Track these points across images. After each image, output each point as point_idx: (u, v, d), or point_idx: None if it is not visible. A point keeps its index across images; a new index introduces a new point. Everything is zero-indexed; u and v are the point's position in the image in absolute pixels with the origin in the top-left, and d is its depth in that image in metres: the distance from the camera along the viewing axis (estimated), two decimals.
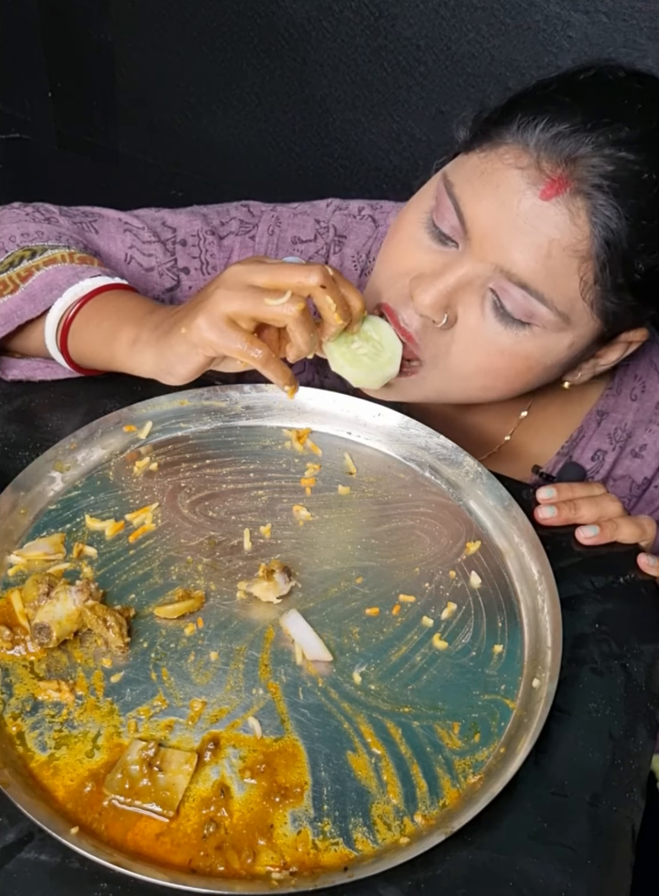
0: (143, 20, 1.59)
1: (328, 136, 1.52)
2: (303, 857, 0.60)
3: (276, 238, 1.00)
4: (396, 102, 1.43)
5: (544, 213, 0.73)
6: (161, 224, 1.01)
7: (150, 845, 0.60)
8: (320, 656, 0.71)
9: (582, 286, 0.76)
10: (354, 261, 1.00)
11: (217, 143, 1.65)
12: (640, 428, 0.98)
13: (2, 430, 0.87)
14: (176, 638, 0.71)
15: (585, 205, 0.73)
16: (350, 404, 0.89)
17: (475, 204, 0.77)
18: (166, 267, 1.00)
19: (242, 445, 0.87)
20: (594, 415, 0.99)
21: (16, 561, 0.74)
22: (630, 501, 1.00)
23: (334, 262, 1.00)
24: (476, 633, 0.74)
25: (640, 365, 0.98)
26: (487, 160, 0.77)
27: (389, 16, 1.35)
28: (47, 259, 0.89)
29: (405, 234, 0.83)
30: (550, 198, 0.73)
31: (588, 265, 0.75)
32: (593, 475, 1.00)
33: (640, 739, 0.71)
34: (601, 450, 0.99)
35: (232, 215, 1.02)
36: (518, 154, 0.75)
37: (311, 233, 1.00)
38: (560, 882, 0.62)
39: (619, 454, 0.99)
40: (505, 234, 0.75)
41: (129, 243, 0.99)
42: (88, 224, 0.99)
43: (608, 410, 0.98)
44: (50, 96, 1.81)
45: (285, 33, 1.45)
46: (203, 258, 1.00)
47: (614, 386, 0.98)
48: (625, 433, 0.98)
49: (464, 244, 0.79)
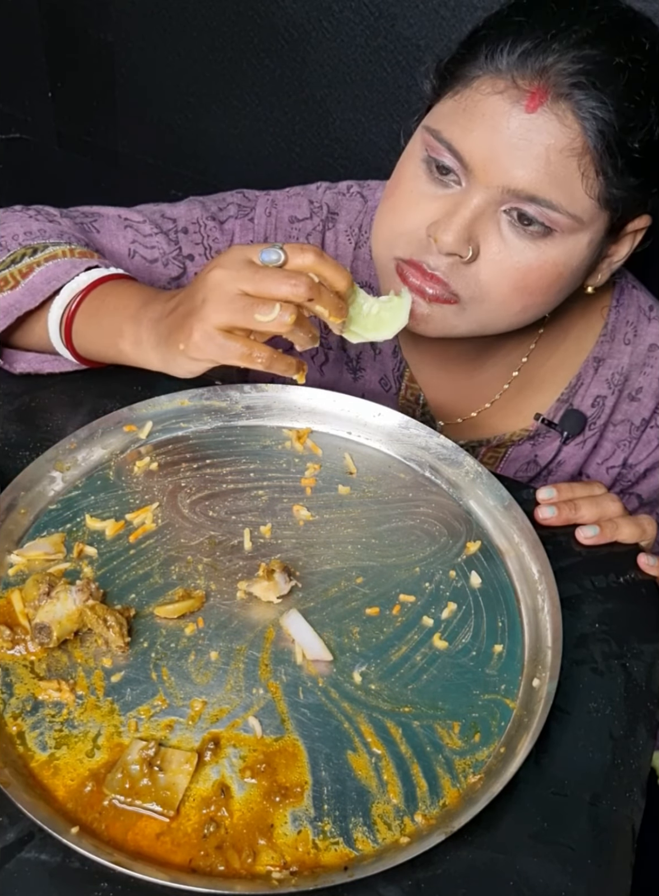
0: (143, 20, 1.58)
1: (328, 136, 1.52)
2: (303, 857, 0.60)
3: (274, 219, 1.03)
4: (396, 102, 1.42)
5: (534, 125, 0.77)
6: (161, 216, 1.03)
7: (151, 845, 0.60)
8: (320, 656, 0.71)
9: (586, 182, 0.79)
10: (348, 235, 1.03)
11: (217, 143, 1.65)
12: (635, 371, 1.02)
13: (2, 430, 0.87)
14: (176, 638, 0.71)
15: (569, 105, 0.77)
16: (350, 404, 0.89)
17: (468, 138, 0.80)
18: (171, 256, 1.02)
19: (243, 445, 0.87)
20: (591, 361, 1.02)
21: (16, 561, 0.74)
22: (630, 444, 1.04)
23: (329, 238, 1.03)
24: (476, 632, 0.74)
25: (630, 311, 1.02)
26: (464, 98, 0.81)
27: (389, 16, 1.35)
28: (48, 255, 0.89)
29: (407, 189, 0.86)
30: (534, 109, 0.77)
31: (587, 160, 0.78)
32: (594, 421, 1.03)
33: (640, 739, 0.71)
34: (601, 395, 1.02)
35: (229, 201, 1.05)
36: (493, 81, 0.79)
37: (306, 212, 1.03)
38: (560, 882, 0.62)
39: (617, 398, 1.02)
40: (504, 156, 0.78)
41: (130, 238, 1.01)
42: (89, 224, 1.00)
43: (604, 357, 1.02)
44: (50, 96, 1.81)
45: (285, 33, 1.45)
46: (206, 244, 1.02)
47: (608, 333, 1.02)
48: (622, 377, 1.02)
49: (467, 179, 0.82)
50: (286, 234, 1.03)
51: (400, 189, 0.87)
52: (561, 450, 1.04)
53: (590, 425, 1.03)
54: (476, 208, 0.81)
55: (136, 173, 1.80)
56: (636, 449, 1.04)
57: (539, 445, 1.06)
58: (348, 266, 1.03)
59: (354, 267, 1.03)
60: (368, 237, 1.02)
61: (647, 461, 1.04)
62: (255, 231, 1.03)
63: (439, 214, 0.83)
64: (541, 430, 1.04)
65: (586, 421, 1.02)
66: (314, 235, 1.03)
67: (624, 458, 1.05)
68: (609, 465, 1.05)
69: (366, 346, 1.05)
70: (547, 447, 1.05)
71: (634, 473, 1.05)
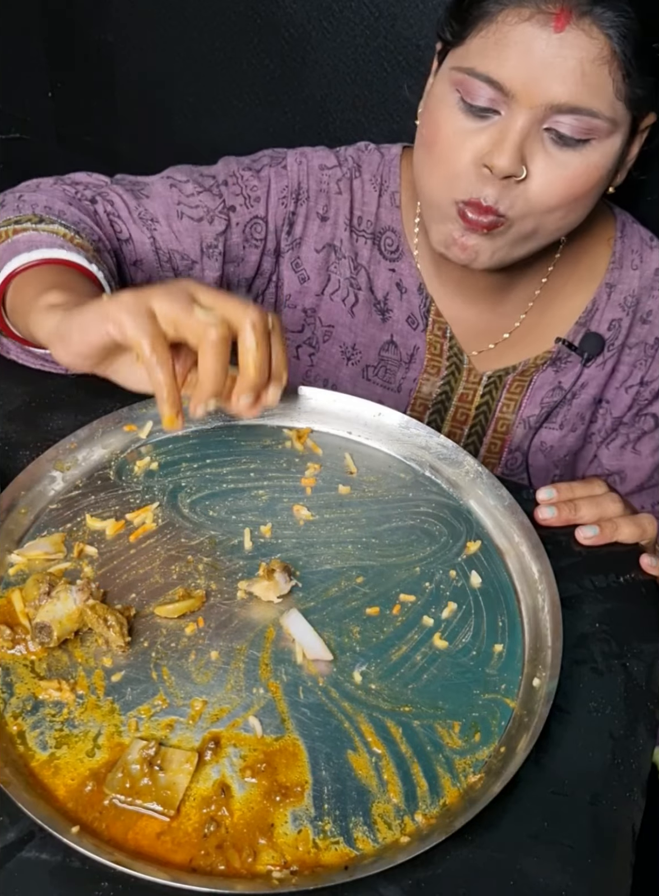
0: (143, 20, 1.58)
1: (328, 136, 1.52)
2: (303, 856, 0.60)
3: (305, 167, 1.08)
4: (396, 102, 1.42)
5: (565, 42, 0.83)
6: (200, 175, 1.08)
7: (151, 844, 0.60)
8: (321, 655, 0.71)
9: (615, 86, 0.85)
10: (372, 183, 1.09)
11: (217, 143, 1.65)
12: (644, 295, 1.08)
13: (2, 430, 0.87)
14: (176, 637, 0.71)
15: (593, 19, 0.83)
16: (350, 404, 0.89)
17: (504, 67, 0.85)
18: (217, 211, 1.06)
19: (243, 445, 0.87)
20: (604, 287, 1.08)
21: (16, 560, 0.74)
22: (646, 363, 1.10)
23: (356, 186, 1.09)
24: (476, 632, 0.74)
25: (634, 241, 1.09)
26: (491, 33, 0.86)
27: (389, 16, 1.35)
28: (49, 229, 0.91)
29: (450, 132, 0.90)
30: (562, 28, 0.83)
31: (615, 65, 0.84)
32: (612, 342, 1.09)
33: (640, 739, 0.71)
34: (616, 318, 1.09)
35: (260, 155, 1.10)
36: (518, 11, 0.84)
37: (334, 161, 1.09)
38: (560, 881, 0.62)
39: (632, 320, 1.09)
40: (542, 76, 0.84)
41: (176, 199, 1.05)
42: (139, 191, 1.05)
43: (615, 283, 1.08)
44: (50, 96, 1.81)
45: (285, 33, 1.45)
46: (245, 193, 1.07)
47: (616, 260, 1.08)
48: (634, 299, 1.08)
49: (507, 106, 0.86)
50: (318, 179, 1.08)
51: (441, 134, 0.91)
52: (583, 372, 1.10)
53: (608, 347, 1.09)
54: (522, 129, 0.86)
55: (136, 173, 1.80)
56: (651, 367, 1.10)
57: (562, 371, 1.11)
58: (374, 212, 1.09)
59: (378, 213, 1.09)
60: (388, 186, 1.08)
61: None
62: (289, 177, 1.07)
63: (489, 145, 0.87)
64: (562, 354, 1.10)
65: (604, 343, 1.08)
66: (343, 181, 1.08)
67: (641, 377, 1.10)
68: (627, 384, 1.11)
69: (392, 286, 1.10)
70: (569, 371, 1.11)
71: (650, 391, 1.11)
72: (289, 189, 1.07)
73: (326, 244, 1.10)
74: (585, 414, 1.13)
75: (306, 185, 1.08)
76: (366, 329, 1.13)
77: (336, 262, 1.10)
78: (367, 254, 1.09)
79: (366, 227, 1.09)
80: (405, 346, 1.12)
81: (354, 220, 1.09)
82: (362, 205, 1.08)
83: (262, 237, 1.09)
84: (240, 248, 1.09)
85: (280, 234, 1.10)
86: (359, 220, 1.09)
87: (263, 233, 1.08)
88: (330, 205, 1.08)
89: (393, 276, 1.10)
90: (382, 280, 1.10)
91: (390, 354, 1.13)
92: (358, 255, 1.10)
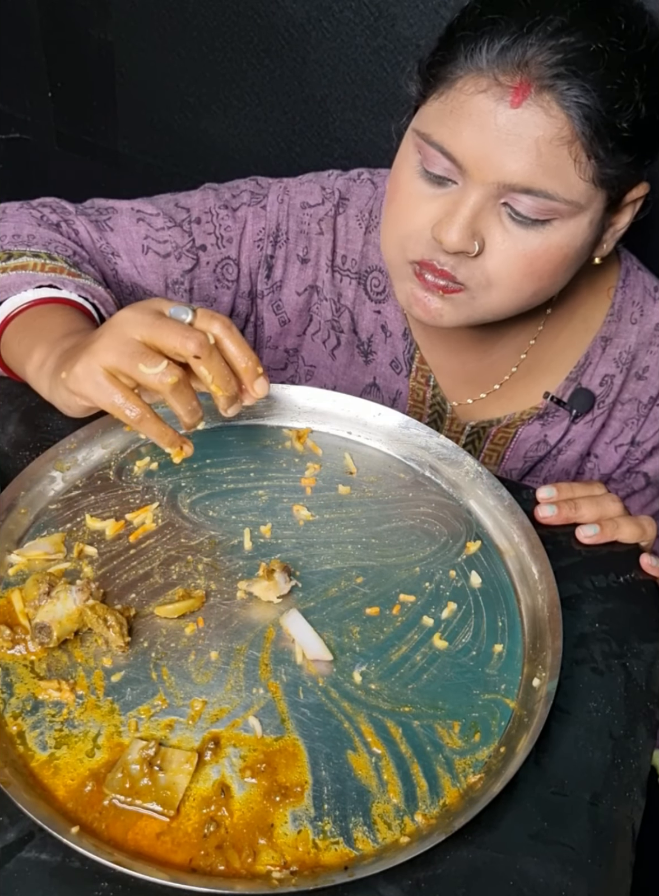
0: (143, 20, 1.58)
1: (328, 136, 1.52)
2: (303, 857, 0.60)
3: (286, 205, 1.04)
4: (396, 102, 1.42)
5: (521, 119, 0.78)
6: (175, 206, 1.04)
7: (151, 844, 0.60)
8: (321, 656, 0.71)
9: (579, 167, 0.80)
10: (358, 219, 1.04)
11: (217, 143, 1.65)
12: (642, 350, 1.03)
13: (2, 430, 0.87)
14: (176, 637, 0.71)
15: (552, 96, 0.77)
16: (350, 404, 0.89)
17: (458, 139, 0.81)
18: (185, 249, 1.03)
19: (242, 445, 0.87)
20: (599, 341, 1.03)
21: (16, 560, 0.74)
22: (638, 422, 1.05)
23: (340, 223, 1.05)
24: (476, 632, 0.74)
25: (636, 291, 1.03)
26: (449, 99, 0.81)
27: (389, 16, 1.35)
28: (18, 265, 0.90)
29: (406, 193, 0.87)
30: (519, 104, 0.78)
31: (577, 146, 0.79)
32: (603, 399, 1.04)
33: (640, 739, 0.71)
34: (609, 374, 1.04)
35: (242, 188, 1.06)
36: (475, 81, 0.79)
37: (318, 197, 1.05)
38: (560, 881, 0.62)
39: (625, 377, 1.04)
40: (495, 153, 0.79)
41: (143, 234, 1.02)
42: (104, 222, 1.02)
43: (611, 336, 1.03)
44: (50, 96, 1.81)
45: (285, 33, 1.45)
46: (218, 233, 1.04)
47: (615, 312, 1.03)
48: (629, 356, 1.03)
49: (462, 178, 0.83)
50: (298, 220, 1.04)
51: (399, 194, 0.88)
52: (570, 428, 1.06)
53: (598, 404, 1.05)
54: (475, 205, 0.82)
55: (136, 173, 1.80)
56: (644, 427, 1.05)
57: (549, 425, 1.07)
58: (359, 251, 1.04)
59: (364, 251, 1.05)
60: (378, 222, 1.02)
61: (654, 439, 1.06)
62: (267, 218, 1.04)
63: (441, 214, 0.84)
64: (550, 409, 1.05)
65: (595, 399, 1.04)
66: (326, 220, 1.04)
67: (632, 436, 1.06)
68: (617, 443, 1.07)
69: (377, 329, 1.07)
70: (556, 426, 1.07)
71: (642, 451, 1.07)
72: (266, 231, 1.04)
73: (308, 286, 1.06)
74: (571, 470, 1.09)
75: (286, 227, 1.04)
76: (347, 372, 1.10)
77: (318, 303, 1.07)
78: (351, 294, 1.06)
79: (350, 266, 1.05)
80: (388, 389, 1.09)
81: (336, 259, 1.05)
82: (346, 243, 1.04)
83: (234, 279, 1.05)
84: (211, 288, 1.06)
85: (255, 276, 1.06)
86: (343, 260, 1.05)
87: (235, 274, 1.05)
88: (311, 246, 1.04)
89: (378, 319, 1.06)
90: (366, 321, 1.06)
91: (372, 398, 1.06)
92: (341, 297, 1.06)
